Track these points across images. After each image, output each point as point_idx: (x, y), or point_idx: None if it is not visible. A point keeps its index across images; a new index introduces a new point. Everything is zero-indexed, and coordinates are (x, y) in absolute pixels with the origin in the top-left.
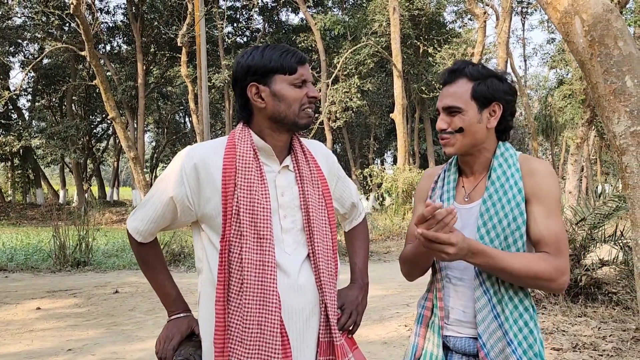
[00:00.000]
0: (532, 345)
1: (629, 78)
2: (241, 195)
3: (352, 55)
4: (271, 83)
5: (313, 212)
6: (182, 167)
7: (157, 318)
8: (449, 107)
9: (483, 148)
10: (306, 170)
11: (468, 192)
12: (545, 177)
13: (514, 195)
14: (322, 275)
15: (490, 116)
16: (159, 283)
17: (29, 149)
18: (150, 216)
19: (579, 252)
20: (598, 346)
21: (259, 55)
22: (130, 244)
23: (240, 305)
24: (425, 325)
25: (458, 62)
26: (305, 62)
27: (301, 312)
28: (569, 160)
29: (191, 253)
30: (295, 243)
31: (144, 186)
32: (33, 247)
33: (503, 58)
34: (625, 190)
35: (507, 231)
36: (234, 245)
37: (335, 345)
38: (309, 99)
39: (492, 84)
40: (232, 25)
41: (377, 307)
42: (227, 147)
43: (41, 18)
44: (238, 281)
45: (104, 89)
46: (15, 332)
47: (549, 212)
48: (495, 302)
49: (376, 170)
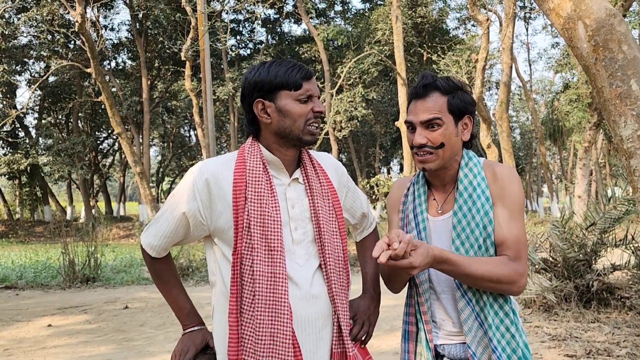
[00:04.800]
0: (515, 349)
1: (635, 81)
2: (251, 209)
3: (356, 64)
4: (276, 99)
5: (323, 223)
6: (194, 182)
7: (168, 333)
8: (430, 120)
9: (454, 160)
10: (316, 183)
11: (440, 204)
12: (509, 181)
13: (482, 204)
14: (333, 286)
15: (464, 128)
16: (173, 297)
17: (36, 167)
18: (163, 231)
19: (589, 256)
20: (612, 352)
21: (265, 71)
22: (144, 258)
23: (253, 317)
24: (412, 341)
25: (427, 75)
26: (311, 77)
27: (314, 323)
28: (578, 165)
29: (199, 267)
30: (306, 254)
31: (151, 201)
32: (42, 265)
33: (507, 63)
34: (634, 193)
35: (480, 240)
36: (245, 258)
37: (348, 356)
38: (315, 113)
39: (462, 96)
40: (236, 38)
41: (388, 317)
42: (237, 162)
43: (47, 36)
44: (250, 293)
45: (110, 104)
46: (28, 349)
47: (511, 215)
48: (478, 310)
49: (382, 179)
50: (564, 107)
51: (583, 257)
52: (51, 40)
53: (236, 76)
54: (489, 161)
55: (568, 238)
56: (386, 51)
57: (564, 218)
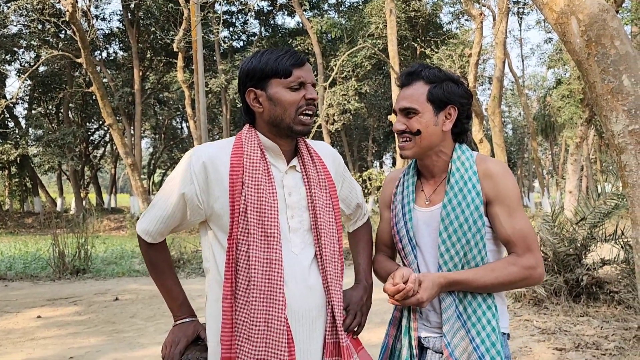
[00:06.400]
0: (495, 343)
1: (626, 77)
2: (249, 194)
3: (349, 57)
4: (267, 87)
5: (320, 213)
6: (191, 166)
7: (158, 325)
8: (406, 108)
9: (440, 151)
10: (313, 172)
11: (428, 196)
12: (503, 178)
13: (472, 198)
14: (329, 276)
15: (446, 119)
16: (167, 287)
17: (26, 157)
18: (160, 216)
19: (579, 251)
20: (600, 345)
21: (257, 59)
22: (140, 247)
23: (248, 303)
24: (394, 326)
25: (415, 65)
26: (303, 63)
27: (308, 314)
28: (569, 160)
29: (190, 259)
30: (302, 243)
31: (142, 192)
32: (32, 256)
33: (500, 58)
34: (624, 188)
35: (468, 235)
36: (241, 243)
37: (341, 346)
38: (307, 100)
39: (447, 87)
40: (229, 30)
41: (379, 310)
42: (235, 146)
43: (37, 26)
44: (245, 279)
45: (101, 95)
46: (17, 340)
47: (511, 211)
48: (457, 302)
49: (375, 173)
50: (556, 102)
51: (573, 252)
52: (41, 29)
53: (229, 68)
54: (482, 156)
55: (558, 233)
56: (380, 45)
57: (555, 213)
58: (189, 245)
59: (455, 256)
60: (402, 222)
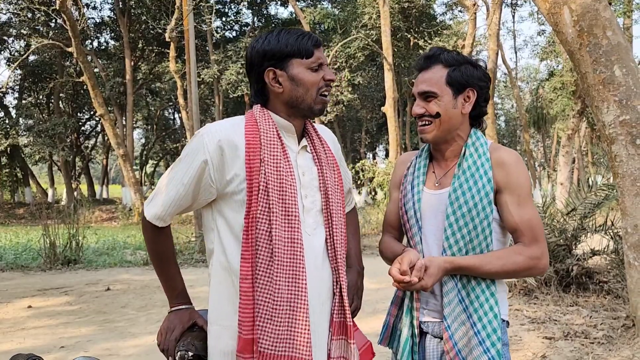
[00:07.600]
0: (496, 329)
1: (618, 67)
2: (269, 171)
3: (342, 48)
4: (288, 67)
5: (331, 193)
6: (205, 145)
7: (150, 314)
8: (425, 92)
9: (457, 135)
10: (322, 153)
11: (439, 178)
12: (515, 168)
13: (483, 185)
14: (338, 257)
15: (465, 102)
16: (170, 275)
17: (16, 147)
18: (172, 198)
19: (570, 242)
20: (589, 334)
21: (274, 39)
22: (147, 235)
23: (270, 282)
24: (396, 305)
25: (433, 48)
26: (320, 45)
27: (318, 296)
28: (561, 152)
29: (183, 250)
30: (314, 223)
31: (134, 183)
32: (22, 246)
33: (494, 50)
34: (615, 179)
35: (475, 220)
36: (260, 222)
37: (347, 325)
38: (326, 82)
39: (466, 70)
40: (221, 20)
41: (370, 300)
42: (248, 124)
43: (27, 14)
44: (266, 258)
45: (92, 85)
46: (7, 330)
47: (520, 200)
48: (460, 287)
49: (367, 164)
50: (548, 94)
51: (563, 242)
52: (31, 18)
53: (221, 58)
54: (496, 144)
55: (549, 223)
56: (373, 36)
57: (546, 204)
58: (181, 237)
59: (461, 240)
60: (411, 203)
